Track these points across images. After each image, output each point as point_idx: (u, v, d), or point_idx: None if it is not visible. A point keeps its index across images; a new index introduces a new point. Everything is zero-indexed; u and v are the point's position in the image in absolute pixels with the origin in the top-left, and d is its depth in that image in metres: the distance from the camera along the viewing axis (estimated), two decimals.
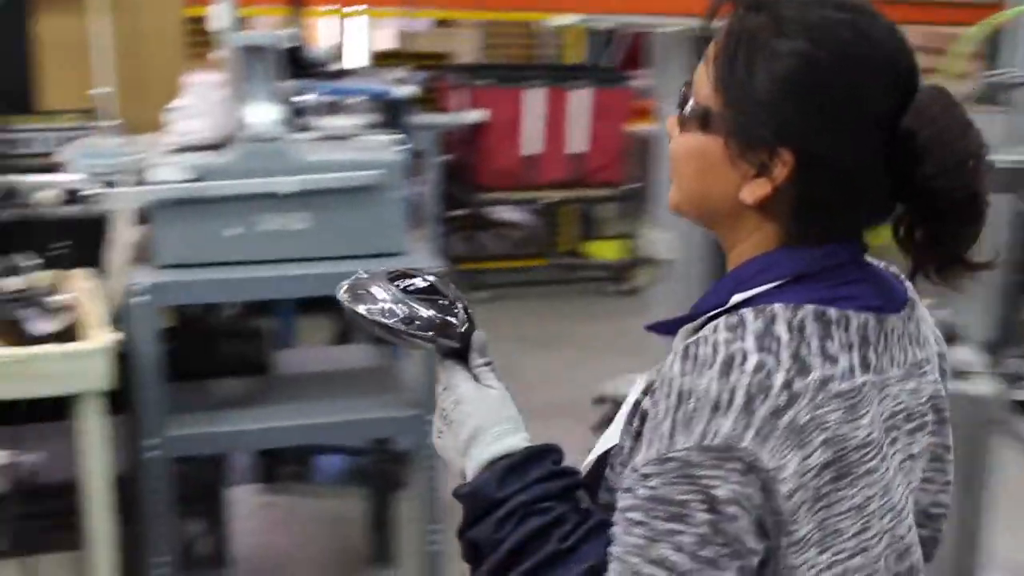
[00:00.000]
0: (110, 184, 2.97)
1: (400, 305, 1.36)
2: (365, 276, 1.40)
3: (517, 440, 1.34)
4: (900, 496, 1.29)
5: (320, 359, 3.69)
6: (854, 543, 1.24)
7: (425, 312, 1.36)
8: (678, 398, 1.18)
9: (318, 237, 3.00)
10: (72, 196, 3.06)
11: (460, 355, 1.39)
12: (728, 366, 1.17)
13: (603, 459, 1.34)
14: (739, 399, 1.16)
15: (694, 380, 1.17)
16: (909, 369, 1.30)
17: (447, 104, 6.90)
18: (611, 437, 1.35)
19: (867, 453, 1.22)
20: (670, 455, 1.17)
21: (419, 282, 1.40)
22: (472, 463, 1.33)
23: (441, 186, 6.28)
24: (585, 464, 1.37)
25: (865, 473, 1.22)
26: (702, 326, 1.25)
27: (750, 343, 1.18)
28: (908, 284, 1.35)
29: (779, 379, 1.17)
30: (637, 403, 1.29)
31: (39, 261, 2.98)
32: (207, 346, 3.19)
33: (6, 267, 2.90)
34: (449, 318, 1.37)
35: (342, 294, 1.39)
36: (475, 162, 6.83)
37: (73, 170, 3.06)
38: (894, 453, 1.28)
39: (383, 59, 6.87)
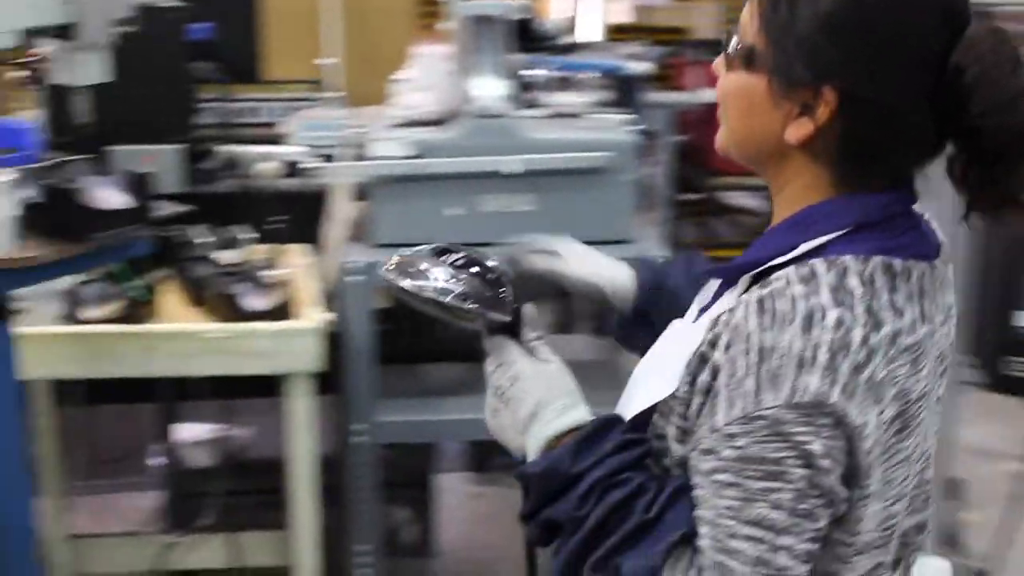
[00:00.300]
0: (330, 158, 2.94)
1: (452, 281, 1.36)
2: (410, 253, 1.40)
3: (581, 413, 1.34)
4: (931, 441, 1.33)
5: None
6: (898, 490, 1.28)
7: (476, 287, 1.36)
8: (759, 354, 1.18)
9: (542, 220, 2.88)
10: (292, 169, 3.03)
11: (510, 330, 1.39)
12: (809, 322, 1.18)
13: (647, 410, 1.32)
14: (823, 356, 1.17)
15: (776, 336, 1.18)
16: (947, 313, 1.32)
17: (683, 82, 6.68)
18: (643, 384, 1.34)
19: (922, 405, 1.26)
20: (758, 413, 1.18)
21: (464, 257, 1.39)
22: (534, 441, 1.33)
23: (673, 169, 6.10)
24: (624, 412, 1.34)
25: (918, 424, 1.26)
26: (762, 275, 1.25)
27: (826, 297, 1.19)
28: (935, 226, 1.35)
29: (858, 335, 1.18)
30: (702, 356, 1.26)
31: (256, 235, 2.96)
32: (421, 329, 3.13)
33: (224, 239, 2.89)
34: (499, 292, 1.37)
35: (389, 271, 1.39)
36: (710, 144, 6.62)
37: (295, 142, 3.04)
38: (935, 399, 1.31)
39: (617, 33, 6.71)
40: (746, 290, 1.27)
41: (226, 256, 2.86)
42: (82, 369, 2.72)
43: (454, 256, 1.39)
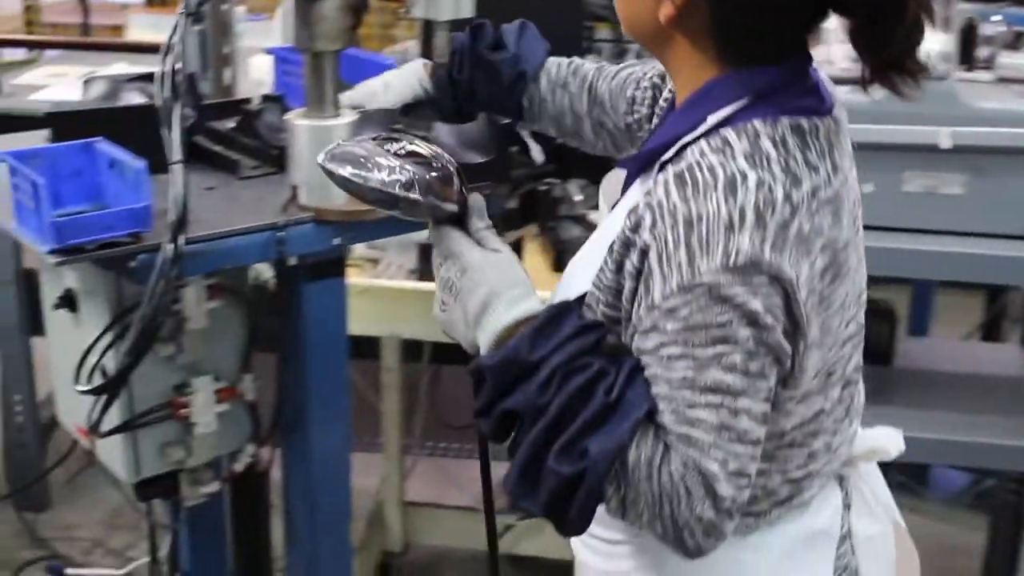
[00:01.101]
0: None
1: (396, 170, 1.34)
2: (347, 142, 1.39)
3: (534, 303, 1.33)
4: (861, 284, 1.41)
5: (957, 355, 3.19)
6: (834, 336, 1.34)
7: (421, 176, 1.34)
8: (687, 225, 1.22)
9: (974, 206, 2.52)
10: None
11: (457, 220, 1.38)
12: (731, 186, 1.23)
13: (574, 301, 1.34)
14: (750, 216, 1.22)
15: (700, 204, 1.22)
16: (851, 159, 1.39)
17: None
18: (577, 278, 1.38)
19: (847, 252, 1.32)
20: (696, 282, 1.21)
21: (407, 144, 1.37)
22: (486, 333, 1.32)
23: None
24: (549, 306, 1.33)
25: (848, 272, 1.33)
26: (672, 159, 1.30)
27: (743, 162, 1.25)
28: (827, 80, 1.41)
29: (780, 192, 1.24)
30: (626, 241, 1.28)
31: None
32: None
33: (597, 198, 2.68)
34: (445, 181, 1.35)
35: (323, 159, 1.37)
36: None
37: None
38: (859, 242, 1.38)
39: None
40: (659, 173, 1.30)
41: (599, 216, 2.65)
42: (423, 329, 2.63)
43: (396, 144, 1.37)
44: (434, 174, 1.36)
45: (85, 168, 1.81)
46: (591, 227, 2.64)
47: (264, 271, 2.09)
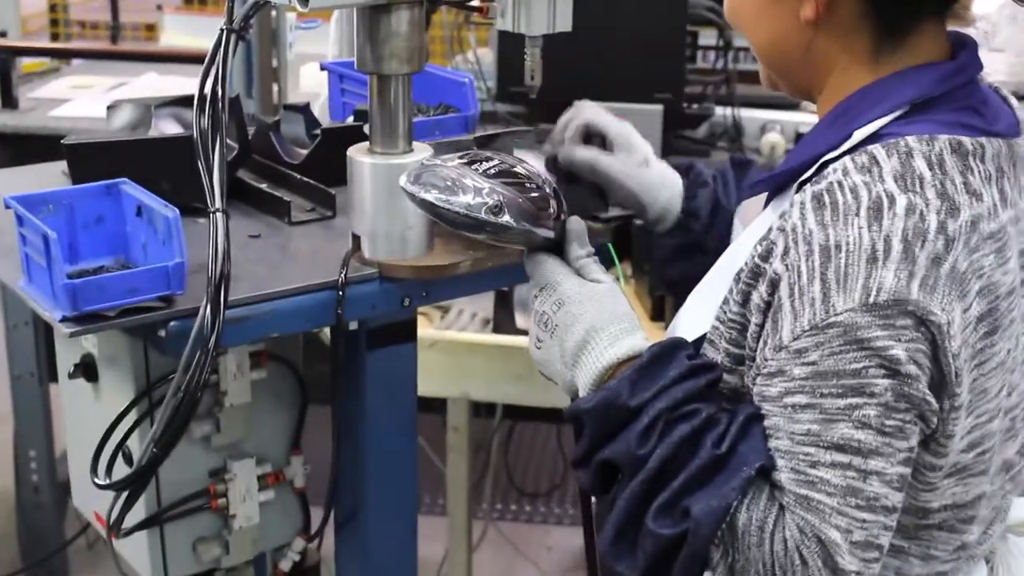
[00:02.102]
0: None
1: (485, 192, 1.30)
2: (432, 162, 1.35)
3: (638, 340, 1.29)
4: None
5: None
6: (994, 404, 1.25)
7: (514, 198, 1.31)
8: (824, 254, 1.17)
9: None
10: None
11: (554, 248, 1.36)
12: (876, 211, 1.17)
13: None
14: (896, 246, 1.15)
15: (840, 231, 1.17)
16: None
17: None
18: (696, 312, 1.34)
19: (1012, 301, 1.24)
20: (830, 320, 1.16)
21: (498, 164, 1.34)
22: (586, 373, 1.29)
23: None
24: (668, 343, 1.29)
25: (1009, 324, 1.24)
26: (813, 176, 1.25)
27: (891, 184, 1.19)
28: (1013, 100, 1.34)
29: (933, 221, 1.17)
30: (755, 270, 1.24)
31: None
32: None
33: None
34: (541, 204, 1.33)
35: (410, 183, 1.33)
36: None
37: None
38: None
39: None
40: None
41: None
42: (500, 390, 2.46)
43: (487, 164, 1.34)
44: (528, 196, 1.33)
45: (108, 214, 1.61)
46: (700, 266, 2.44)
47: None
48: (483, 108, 2.77)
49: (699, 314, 1.34)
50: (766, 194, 1.42)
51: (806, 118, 2.90)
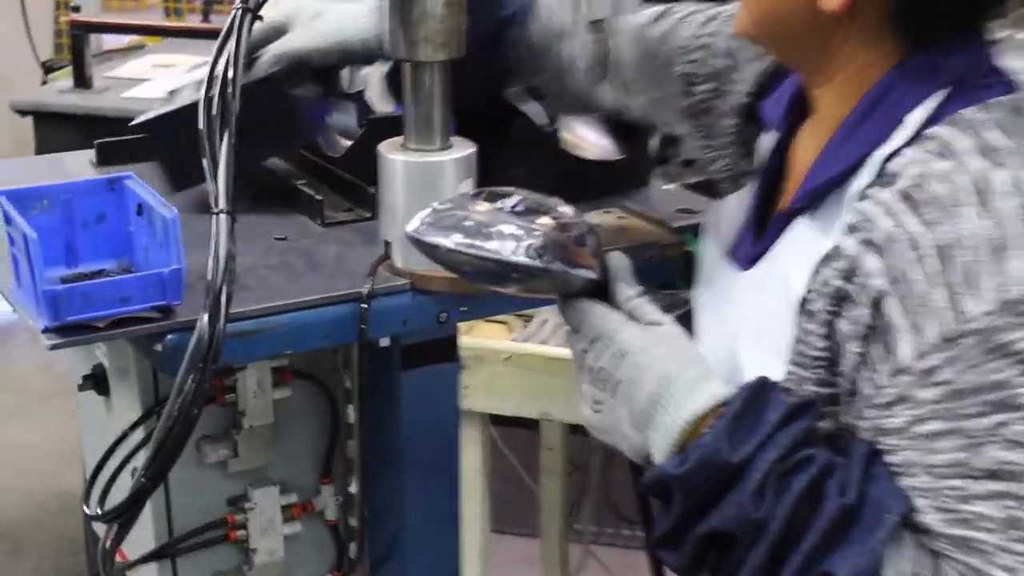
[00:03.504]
0: None
1: (517, 233, 1.22)
2: (444, 205, 1.29)
3: (719, 386, 1.21)
4: None
5: None
6: None
7: (550, 237, 1.23)
8: (940, 256, 1.11)
9: None
10: None
11: (596, 291, 1.28)
12: (981, 192, 1.12)
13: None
14: (1018, 227, 1.11)
15: (952, 226, 1.11)
16: None
17: None
18: (753, 366, 1.26)
19: None
20: (964, 329, 1.09)
21: (524, 200, 1.27)
22: (664, 433, 1.21)
23: None
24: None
25: None
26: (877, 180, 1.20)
27: (981, 162, 1.14)
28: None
29: None
30: (837, 294, 1.17)
31: None
32: None
33: None
34: (578, 241, 1.25)
35: (421, 230, 1.27)
36: None
37: None
38: None
39: None
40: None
41: None
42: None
43: (510, 200, 1.27)
44: (566, 234, 1.25)
45: (110, 212, 1.56)
46: None
47: None
48: None
49: (757, 364, 1.25)
50: (747, 200, 1.38)
51: None
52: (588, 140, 1.85)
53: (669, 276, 1.68)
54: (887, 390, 1.15)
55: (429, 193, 1.50)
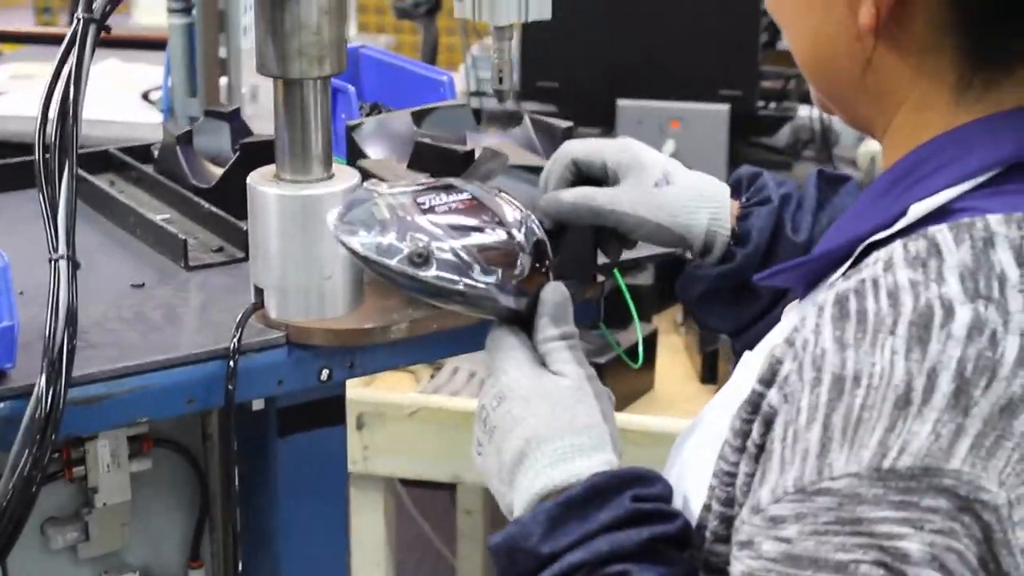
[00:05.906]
0: None
1: (434, 242, 1.24)
2: (372, 193, 1.29)
3: (595, 463, 1.21)
4: None
5: None
6: None
7: (472, 252, 1.25)
8: (835, 387, 1.04)
9: None
10: None
11: (524, 320, 1.29)
12: (924, 328, 1.02)
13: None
14: (944, 385, 1.01)
15: (862, 355, 1.03)
16: None
17: None
18: (702, 452, 1.23)
19: None
20: (822, 485, 1.03)
21: (462, 200, 1.29)
22: (520, 497, 1.22)
23: None
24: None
25: None
26: (857, 262, 1.15)
27: (954, 285, 1.04)
28: None
29: (1012, 348, 1.02)
30: (753, 399, 1.13)
31: None
32: None
33: None
34: (510, 259, 1.26)
35: (334, 221, 1.28)
36: None
37: None
38: None
39: None
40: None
41: None
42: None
43: (445, 197, 1.29)
44: (494, 249, 1.26)
45: None
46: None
47: None
48: (506, 107, 2.71)
49: (697, 454, 1.24)
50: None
51: None
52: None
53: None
54: (744, 527, 1.10)
55: (307, 231, 1.48)
